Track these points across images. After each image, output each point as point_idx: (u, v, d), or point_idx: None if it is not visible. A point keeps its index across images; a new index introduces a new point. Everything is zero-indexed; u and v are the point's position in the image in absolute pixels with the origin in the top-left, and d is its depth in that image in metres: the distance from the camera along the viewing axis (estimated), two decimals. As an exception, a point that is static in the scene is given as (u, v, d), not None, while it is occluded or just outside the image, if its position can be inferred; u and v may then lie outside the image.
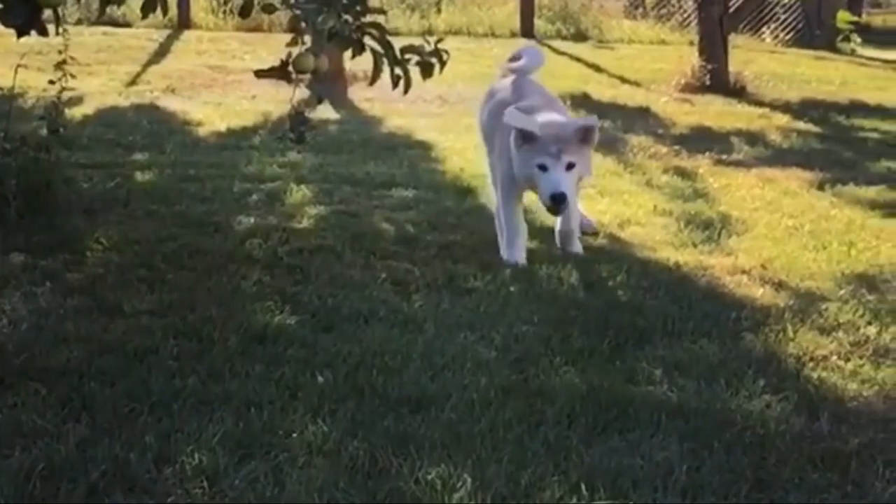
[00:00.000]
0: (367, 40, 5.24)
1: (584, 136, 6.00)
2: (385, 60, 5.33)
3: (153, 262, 5.92)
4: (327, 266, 5.98)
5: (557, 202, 5.86)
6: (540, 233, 6.63)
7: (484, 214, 7.27)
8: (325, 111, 11.33)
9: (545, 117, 6.11)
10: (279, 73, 5.36)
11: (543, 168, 5.85)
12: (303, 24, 5.14)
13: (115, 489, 3.49)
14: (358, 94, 12.80)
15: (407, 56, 5.32)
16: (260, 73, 5.52)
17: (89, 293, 5.41)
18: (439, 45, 5.35)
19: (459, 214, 7.26)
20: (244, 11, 5.50)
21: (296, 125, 5.50)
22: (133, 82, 13.46)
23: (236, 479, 3.59)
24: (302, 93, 5.60)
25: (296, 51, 5.19)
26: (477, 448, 3.83)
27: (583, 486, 3.58)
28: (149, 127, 10.28)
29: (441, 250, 6.37)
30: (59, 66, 7.32)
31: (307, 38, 5.16)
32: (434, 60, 5.33)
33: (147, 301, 5.32)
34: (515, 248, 6.20)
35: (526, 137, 5.90)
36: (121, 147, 9.27)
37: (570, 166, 5.87)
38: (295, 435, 3.92)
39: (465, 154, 9.39)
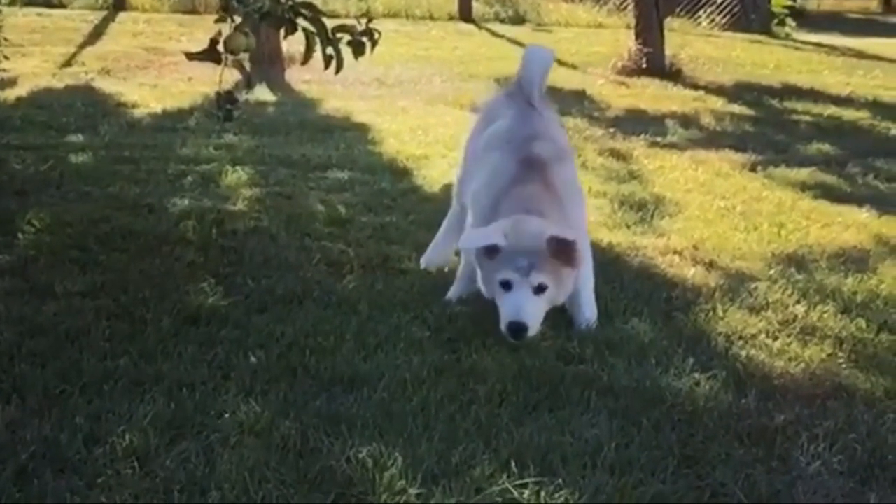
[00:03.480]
0: (300, 20, 5.23)
1: (564, 253, 4.71)
2: (317, 40, 5.31)
3: (86, 244, 5.87)
4: (262, 247, 5.97)
5: (516, 334, 4.61)
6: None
7: (419, 196, 7.31)
8: (262, 93, 11.32)
9: (519, 222, 4.77)
10: (210, 54, 5.33)
11: (507, 286, 4.69)
12: (235, 3, 5.12)
13: (45, 470, 3.47)
14: (295, 76, 12.77)
15: (339, 36, 5.31)
16: (191, 56, 5.48)
17: (21, 275, 5.36)
18: (372, 26, 5.34)
19: (395, 196, 7.28)
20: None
21: (223, 104, 5.47)
22: (67, 64, 13.34)
23: (167, 459, 3.58)
24: (235, 73, 5.58)
25: (225, 28, 5.16)
26: (408, 426, 3.85)
27: (513, 464, 3.60)
28: (83, 109, 10.20)
29: (376, 231, 6.39)
30: (-8, 47, 7.25)
31: (237, 18, 5.13)
32: (365, 40, 5.31)
33: (79, 282, 5.28)
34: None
35: (490, 250, 4.72)
36: (54, 129, 9.20)
37: (540, 289, 4.70)
38: (227, 415, 3.91)
39: (401, 136, 9.42)
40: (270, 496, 3.36)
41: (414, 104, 11.65)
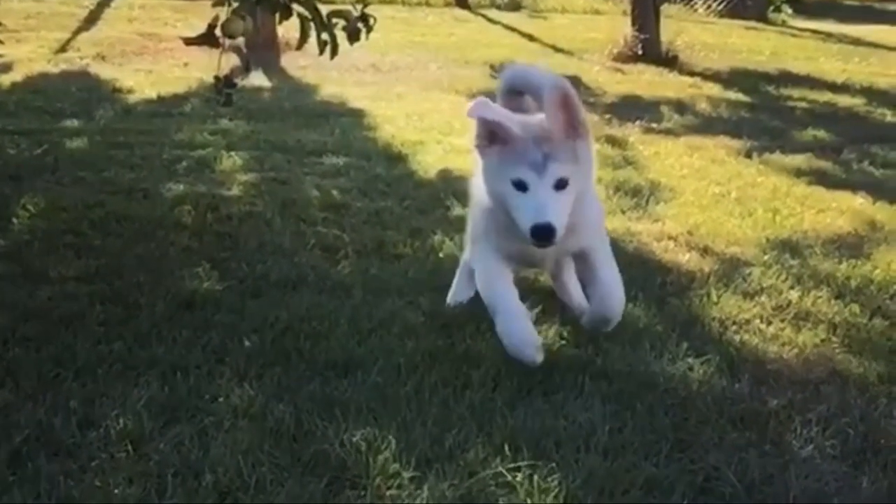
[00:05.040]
0: (295, 5, 5.22)
1: (566, 116, 4.10)
2: (312, 26, 5.31)
3: (80, 229, 5.87)
4: (256, 233, 5.97)
5: (543, 238, 4.01)
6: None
7: (414, 181, 7.31)
8: (258, 79, 11.32)
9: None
10: (207, 39, 5.32)
11: (520, 186, 4.07)
12: (231, -12, 5.12)
13: (39, 453, 3.47)
14: (291, 61, 12.77)
15: (334, 21, 5.31)
16: (188, 40, 5.48)
17: (15, 259, 5.36)
18: (367, 12, 5.34)
19: (390, 181, 7.27)
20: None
21: (223, 88, 5.48)
22: (63, 49, 13.33)
23: (161, 442, 3.58)
24: (231, 58, 5.58)
25: (222, 13, 5.16)
26: (402, 411, 3.85)
27: (506, 448, 3.60)
28: (78, 94, 10.20)
29: (371, 217, 6.38)
30: (-12, 32, 7.25)
31: (234, 2, 5.13)
32: (361, 26, 5.31)
33: (74, 267, 5.28)
34: (523, 336, 4.25)
35: (494, 135, 4.13)
36: (49, 114, 9.20)
37: (560, 184, 4.06)
38: (221, 399, 3.91)
39: (396, 122, 9.43)
40: (264, 479, 3.36)
41: (409, 90, 11.65)
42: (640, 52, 14.54)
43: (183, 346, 4.37)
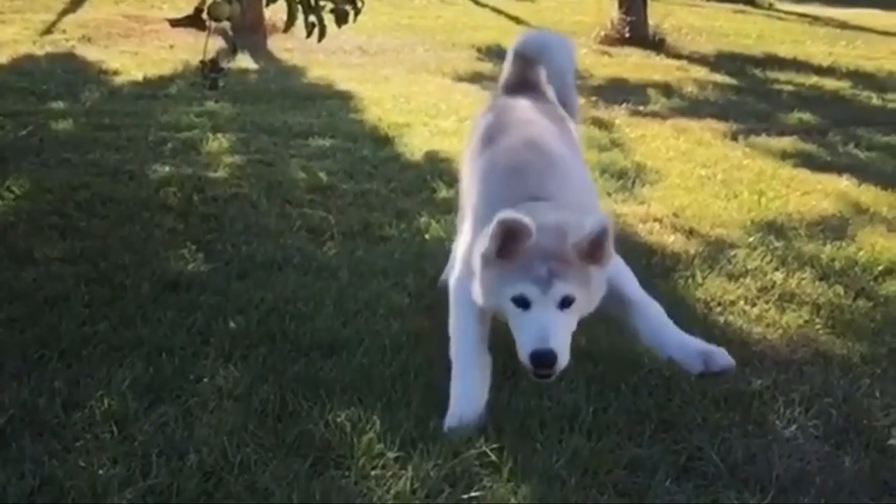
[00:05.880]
0: (282, -13, 5.22)
1: (593, 249, 3.64)
2: (300, 8, 5.30)
3: (66, 210, 5.86)
4: (242, 214, 5.96)
5: (543, 367, 3.56)
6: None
7: (400, 163, 7.31)
8: (245, 61, 11.29)
9: (531, 212, 3.65)
10: (193, 21, 5.31)
11: (522, 303, 3.63)
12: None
13: (23, 433, 3.47)
14: (277, 44, 12.75)
15: (321, 4, 5.30)
16: (174, 22, 5.47)
17: (0, 241, 5.34)
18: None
19: (376, 163, 7.27)
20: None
21: (208, 73, 5.46)
22: (48, 31, 13.29)
23: (146, 423, 3.58)
24: (217, 41, 5.56)
25: (209, -3, 5.15)
26: (387, 391, 3.86)
27: (490, 428, 3.62)
28: (64, 76, 10.17)
29: (357, 199, 6.38)
30: (-29, 14, 7.22)
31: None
32: (348, 8, 5.30)
33: (59, 248, 5.27)
34: (467, 409, 3.73)
35: (505, 248, 3.60)
36: (35, 96, 9.17)
37: (565, 302, 3.62)
38: (206, 380, 3.92)
39: (383, 104, 9.42)
40: (249, 459, 3.36)
41: (396, 73, 11.64)
42: (627, 35, 14.55)
43: (168, 327, 4.36)
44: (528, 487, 3.29)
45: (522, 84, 4.69)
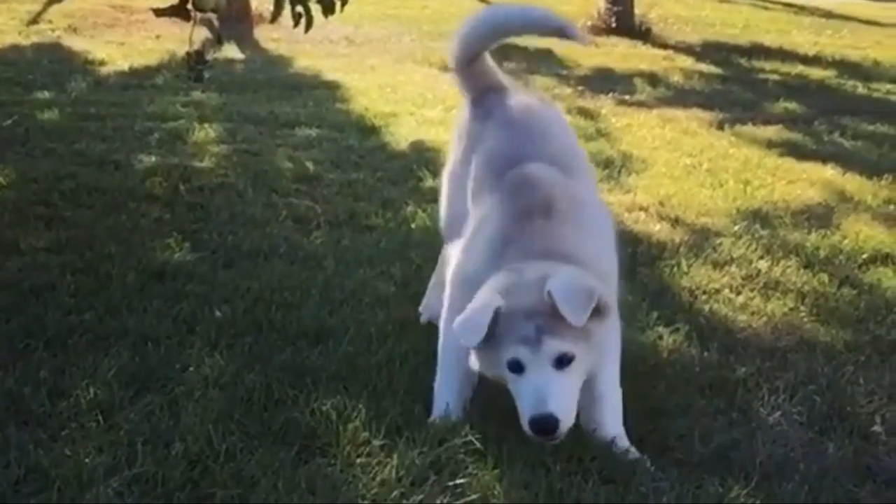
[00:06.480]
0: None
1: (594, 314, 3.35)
2: (286, -2, 5.29)
3: (51, 200, 5.85)
4: (228, 204, 5.96)
5: (545, 432, 3.31)
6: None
7: (386, 153, 7.31)
8: (231, 51, 11.27)
9: (513, 273, 3.45)
10: (178, 11, 5.29)
11: (516, 367, 3.36)
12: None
13: (9, 423, 3.46)
14: (264, 34, 12.73)
15: (309, -6, 5.29)
16: (158, 12, 5.44)
17: (-15, 231, 5.35)
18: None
19: (362, 153, 7.28)
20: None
21: (193, 64, 5.44)
22: (34, 21, 13.24)
23: (131, 412, 3.58)
24: (202, 32, 5.55)
25: (195, -13, 5.12)
26: (373, 379, 3.86)
27: (475, 415, 3.62)
28: (50, 66, 10.15)
29: (343, 188, 6.38)
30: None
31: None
32: (335, -1, 5.29)
33: (44, 238, 5.26)
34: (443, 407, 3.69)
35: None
36: (20, 86, 9.15)
37: (562, 361, 3.33)
38: (192, 369, 3.91)
39: (369, 94, 9.42)
40: (234, 448, 3.36)
41: (383, 62, 11.64)
42: (613, 25, 14.56)
43: (154, 316, 4.36)
44: (513, 475, 3.29)
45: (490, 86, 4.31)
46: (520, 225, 3.58)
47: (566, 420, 3.31)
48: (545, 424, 3.28)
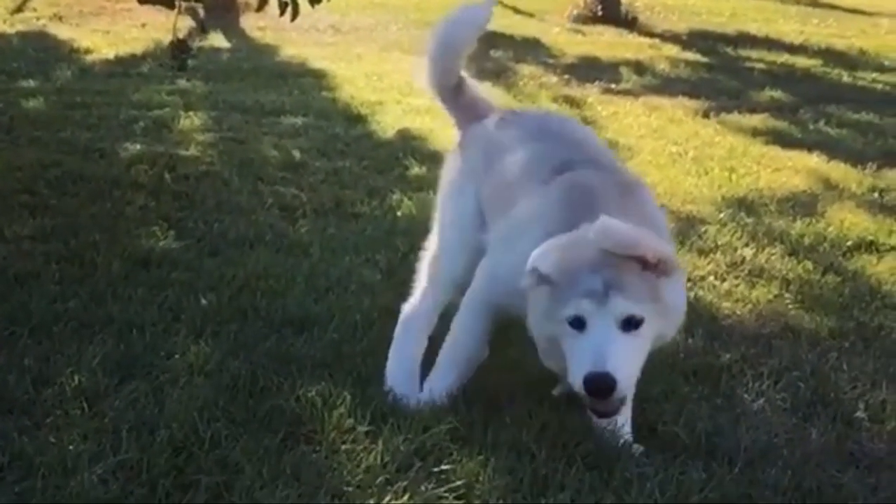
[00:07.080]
0: (252, -36, 5.20)
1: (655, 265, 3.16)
2: (272, -14, 5.29)
3: (36, 188, 5.83)
4: (214, 192, 5.95)
5: (599, 392, 3.09)
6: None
7: (372, 141, 7.31)
8: (217, 39, 11.25)
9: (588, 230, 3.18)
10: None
11: (578, 324, 3.14)
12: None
13: (-7, 410, 3.47)
14: (250, 22, 12.70)
15: (295, -18, 5.28)
16: (144, 0, 5.43)
17: (-30, 219, 5.33)
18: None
19: (348, 141, 7.27)
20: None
21: (177, 53, 5.44)
22: (19, 10, 13.20)
23: (116, 399, 3.57)
24: (187, 21, 5.54)
25: (180, -25, 5.12)
26: (358, 367, 3.86)
27: (460, 402, 3.63)
28: (35, 54, 10.13)
29: (329, 176, 6.38)
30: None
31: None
32: (322, -14, 5.29)
33: (29, 226, 5.24)
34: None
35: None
36: (5, 74, 9.13)
37: (630, 323, 3.12)
38: (177, 356, 3.91)
39: (355, 82, 9.41)
40: (219, 434, 3.35)
41: (369, 51, 11.64)
42: (599, 14, 14.56)
43: (139, 303, 4.36)
44: (498, 461, 3.30)
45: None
46: (579, 218, 3.29)
47: (625, 384, 3.09)
48: (601, 383, 3.03)
